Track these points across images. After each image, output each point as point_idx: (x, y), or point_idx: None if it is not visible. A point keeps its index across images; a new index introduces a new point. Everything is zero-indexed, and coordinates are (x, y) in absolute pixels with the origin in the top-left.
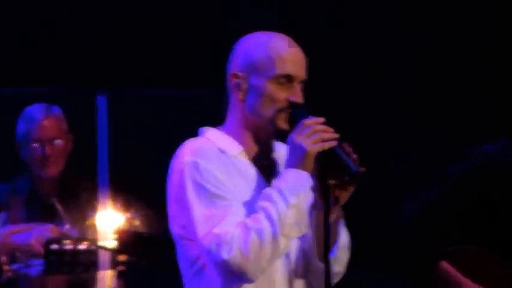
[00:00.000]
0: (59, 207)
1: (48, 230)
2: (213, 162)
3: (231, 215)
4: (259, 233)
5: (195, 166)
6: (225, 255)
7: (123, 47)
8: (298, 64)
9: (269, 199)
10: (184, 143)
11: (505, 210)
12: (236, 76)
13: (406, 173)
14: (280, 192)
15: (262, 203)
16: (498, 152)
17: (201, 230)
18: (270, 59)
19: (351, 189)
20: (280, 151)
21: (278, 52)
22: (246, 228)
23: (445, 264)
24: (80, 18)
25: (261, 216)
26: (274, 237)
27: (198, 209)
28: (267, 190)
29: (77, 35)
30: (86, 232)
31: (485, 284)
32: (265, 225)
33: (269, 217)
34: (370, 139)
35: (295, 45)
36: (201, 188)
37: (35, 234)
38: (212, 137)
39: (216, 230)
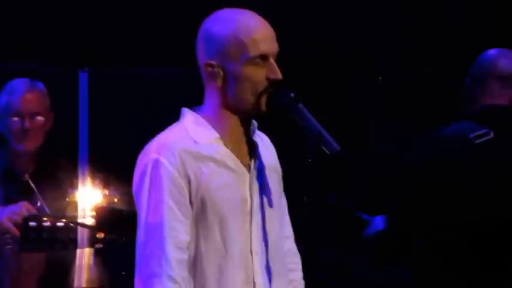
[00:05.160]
0: (32, 184)
1: (20, 207)
2: (177, 163)
3: (171, 238)
4: None
5: (157, 165)
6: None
7: (106, 24)
8: (269, 40)
9: None
10: (156, 136)
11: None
12: (211, 65)
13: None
14: None
15: None
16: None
17: (142, 237)
18: (242, 43)
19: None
20: (262, 137)
21: (248, 33)
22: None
23: None
24: None
25: None
26: None
27: (147, 213)
28: None
29: (60, 12)
30: (65, 209)
31: None
32: None
33: None
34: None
35: (262, 21)
36: (156, 191)
37: (7, 212)
38: (188, 124)
39: (154, 253)
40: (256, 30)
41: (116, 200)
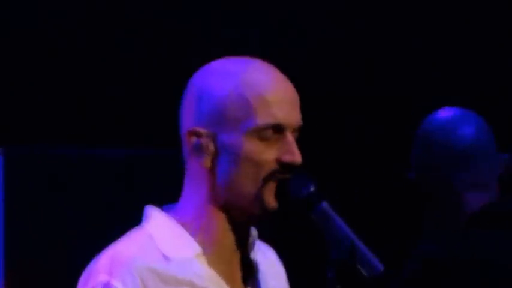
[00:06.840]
0: None
1: None
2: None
3: None
4: None
5: None
6: None
7: (25, 95)
8: (288, 106)
9: None
10: (107, 248)
11: None
12: (197, 134)
13: None
14: None
15: None
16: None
17: None
18: (246, 104)
19: None
20: (264, 251)
21: (258, 92)
22: None
23: None
24: None
25: None
26: None
27: None
28: None
29: None
30: None
31: None
32: None
33: None
34: None
35: (281, 78)
36: None
37: None
38: (155, 231)
39: None
40: (270, 89)
41: None
